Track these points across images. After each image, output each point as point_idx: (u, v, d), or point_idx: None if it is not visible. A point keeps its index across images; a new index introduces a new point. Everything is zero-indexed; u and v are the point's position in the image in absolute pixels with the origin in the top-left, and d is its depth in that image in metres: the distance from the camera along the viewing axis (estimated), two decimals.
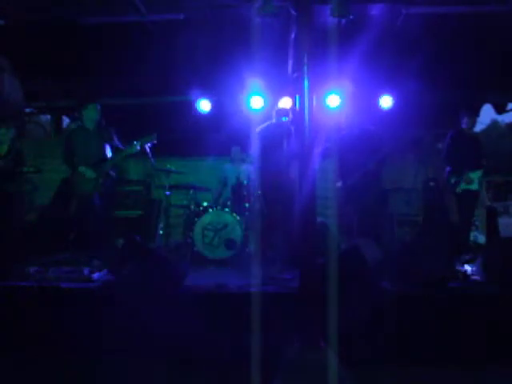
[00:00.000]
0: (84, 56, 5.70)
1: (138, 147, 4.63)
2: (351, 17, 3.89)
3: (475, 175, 4.76)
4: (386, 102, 6.00)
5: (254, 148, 4.91)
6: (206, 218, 5.09)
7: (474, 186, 4.77)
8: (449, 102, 6.58)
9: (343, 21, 4.79)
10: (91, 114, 4.74)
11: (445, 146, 5.05)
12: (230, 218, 5.10)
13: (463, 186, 4.75)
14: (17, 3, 5.00)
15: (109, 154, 4.72)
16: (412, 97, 6.21)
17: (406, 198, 5.96)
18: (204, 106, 6.19)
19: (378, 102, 6.05)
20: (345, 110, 5.96)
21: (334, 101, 5.94)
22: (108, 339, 3.17)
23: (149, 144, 4.73)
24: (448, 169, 4.91)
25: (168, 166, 5.71)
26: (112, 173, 4.82)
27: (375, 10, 4.99)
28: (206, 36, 5.32)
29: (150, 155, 5.21)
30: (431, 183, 6.08)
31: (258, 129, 4.97)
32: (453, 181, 4.82)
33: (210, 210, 5.19)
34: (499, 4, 4.87)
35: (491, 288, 3.54)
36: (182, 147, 6.24)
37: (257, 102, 5.96)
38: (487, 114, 10.89)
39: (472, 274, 3.91)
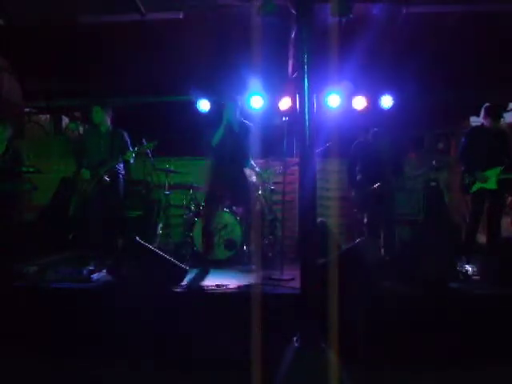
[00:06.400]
0: (84, 56, 5.70)
1: (134, 155, 4.69)
2: (351, 16, 3.88)
3: (493, 173, 4.54)
4: (386, 102, 5.99)
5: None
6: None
7: (491, 185, 4.55)
8: (449, 101, 6.57)
9: (343, 20, 4.78)
10: (95, 116, 4.77)
11: (460, 145, 4.92)
12: (229, 218, 5.09)
13: (478, 185, 4.61)
14: (17, 3, 5.00)
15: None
16: (412, 97, 6.20)
17: (407, 197, 5.95)
18: (204, 105, 6.18)
19: (378, 101, 6.04)
20: (345, 110, 5.97)
21: (334, 101, 5.94)
22: (108, 339, 3.16)
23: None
24: (462, 169, 4.80)
25: (167, 165, 5.71)
26: (121, 174, 4.83)
27: (375, 10, 4.98)
28: (205, 35, 5.32)
29: (150, 155, 5.22)
30: (432, 183, 6.06)
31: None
32: (467, 181, 4.70)
33: None
34: (499, 4, 4.87)
35: (491, 288, 3.54)
36: (181, 147, 6.23)
37: (257, 102, 5.96)
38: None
39: (472, 274, 3.91)
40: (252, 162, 4.98)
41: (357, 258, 3.42)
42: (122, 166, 4.88)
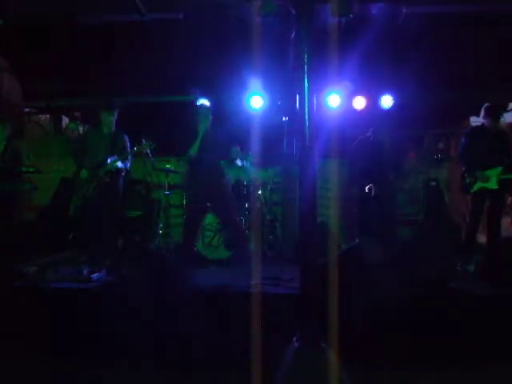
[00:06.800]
0: (84, 56, 5.70)
1: (123, 160, 4.73)
2: (351, 16, 3.88)
3: (493, 172, 4.53)
4: (386, 102, 5.99)
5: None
6: (205, 218, 5.09)
7: (492, 185, 4.54)
8: (449, 101, 6.57)
9: (343, 20, 4.78)
10: (112, 119, 4.79)
11: (460, 145, 4.93)
12: None
13: (478, 185, 4.59)
14: (17, 3, 5.00)
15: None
16: (412, 97, 6.20)
17: (407, 197, 5.95)
18: None
19: (378, 101, 6.04)
20: (345, 110, 5.97)
21: (334, 101, 5.93)
22: (108, 339, 3.16)
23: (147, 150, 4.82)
24: (463, 168, 4.80)
25: (168, 165, 5.71)
26: (120, 174, 4.84)
27: (375, 10, 4.98)
28: (205, 35, 5.32)
29: (150, 155, 5.22)
30: (432, 183, 6.06)
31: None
32: (468, 181, 4.71)
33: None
34: (499, 4, 4.87)
35: (491, 288, 3.54)
36: (181, 147, 6.23)
37: (257, 102, 5.96)
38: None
39: (472, 274, 3.91)
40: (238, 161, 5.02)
41: (357, 258, 3.42)
42: (122, 165, 4.88)
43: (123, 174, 4.90)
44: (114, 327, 3.17)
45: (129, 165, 4.84)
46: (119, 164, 4.70)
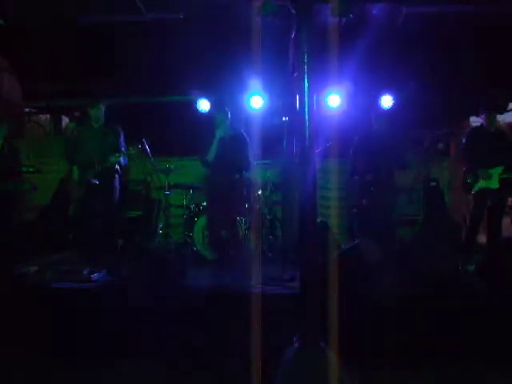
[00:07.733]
0: (84, 56, 5.70)
1: (122, 157, 4.73)
2: (351, 16, 3.88)
3: (494, 172, 4.54)
4: (386, 101, 5.99)
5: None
6: (205, 218, 5.09)
7: (494, 184, 4.57)
8: (449, 101, 6.57)
9: (344, 20, 4.78)
10: (98, 114, 4.77)
11: (461, 146, 4.94)
12: None
13: (480, 184, 4.61)
14: (17, 3, 5.01)
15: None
16: (412, 97, 6.20)
17: (407, 197, 5.95)
18: (204, 105, 6.18)
19: (378, 101, 6.04)
20: (345, 110, 5.97)
21: (334, 101, 5.93)
22: (107, 339, 3.16)
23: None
24: (464, 169, 4.81)
25: (168, 165, 5.72)
26: (117, 173, 4.82)
27: (375, 10, 4.99)
28: (205, 35, 5.32)
29: (150, 155, 5.21)
30: (432, 183, 6.07)
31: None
32: (469, 180, 4.71)
33: None
34: (499, 4, 4.87)
35: (491, 288, 3.54)
36: (181, 147, 6.23)
37: (257, 102, 5.96)
38: None
39: (472, 274, 3.91)
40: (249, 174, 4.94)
41: (357, 258, 3.42)
42: (123, 161, 4.86)
43: (120, 173, 4.88)
44: (114, 327, 3.17)
45: (124, 162, 4.81)
46: (122, 160, 4.69)
